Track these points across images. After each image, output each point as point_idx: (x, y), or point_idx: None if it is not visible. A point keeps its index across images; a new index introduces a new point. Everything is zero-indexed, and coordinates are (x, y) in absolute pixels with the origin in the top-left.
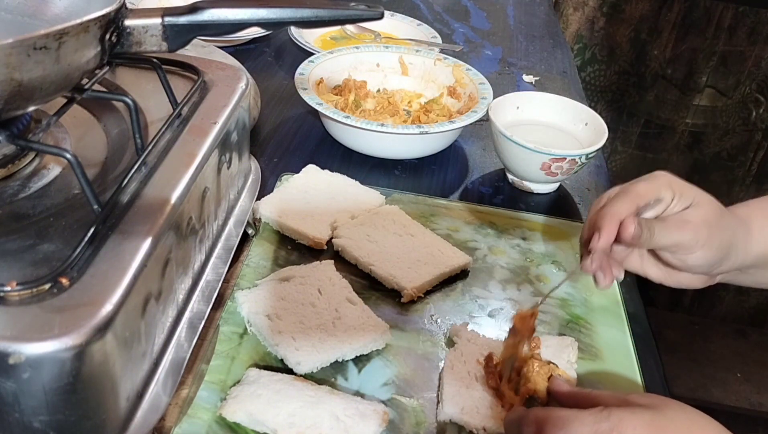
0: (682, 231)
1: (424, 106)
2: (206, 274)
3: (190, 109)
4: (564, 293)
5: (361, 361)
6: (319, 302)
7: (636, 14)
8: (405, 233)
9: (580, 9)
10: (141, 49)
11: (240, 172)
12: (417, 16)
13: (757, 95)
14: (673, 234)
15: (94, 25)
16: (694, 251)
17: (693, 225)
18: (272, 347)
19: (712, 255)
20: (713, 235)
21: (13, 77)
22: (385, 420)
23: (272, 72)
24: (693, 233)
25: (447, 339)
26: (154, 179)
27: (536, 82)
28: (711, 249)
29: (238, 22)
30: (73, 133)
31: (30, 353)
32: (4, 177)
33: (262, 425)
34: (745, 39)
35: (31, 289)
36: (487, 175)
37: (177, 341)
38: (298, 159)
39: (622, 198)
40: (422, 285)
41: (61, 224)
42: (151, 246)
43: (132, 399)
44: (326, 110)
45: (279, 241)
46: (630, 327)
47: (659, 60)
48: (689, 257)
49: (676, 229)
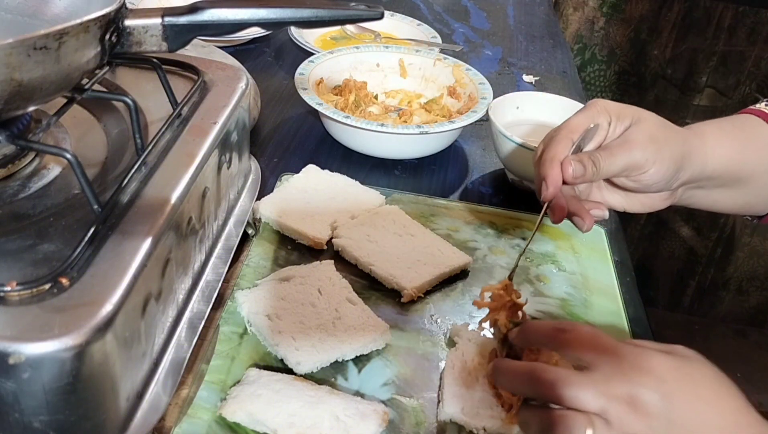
0: (629, 152)
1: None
2: (206, 274)
3: (190, 109)
4: (564, 293)
5: (361, 361)
6: (319, 302)
7: (636, 14)
8: (405, 233)
9: (580, 9)
10: (141, 49)
11: (240, 172)
12: (417, 16)
13: (757, 95)
14: (619, 158)
15: (94, 25)
16: (647, 169)
17: (638, 143)
18: (272, 347)
19: (666, 168)
20: (662, 148)
21: (13, 77)
22: (385, 420)
23: (272, 72)
24: (640, 151)
25: (447, 339)
26: (154, 179)
27: (536, 82)
28: (663, 162)
29: (238, 22)
30: (73, 133)
31: (30, 353)
32: (4, 177)
33: (262, 425)
34: (745, 39)
35: (31, 289)
36: (487, 175)
37: (177, 341)
38: (298, 159)
39: (555, 139)
40: (422, 285)
41: (61, 224)
42: (151, 246)
43: (132, 399)
44: (326, 110)
45: (279, 241)
46: (630, 327)
47: (659, 60)
48: (644, 176)
49: (622, 152)
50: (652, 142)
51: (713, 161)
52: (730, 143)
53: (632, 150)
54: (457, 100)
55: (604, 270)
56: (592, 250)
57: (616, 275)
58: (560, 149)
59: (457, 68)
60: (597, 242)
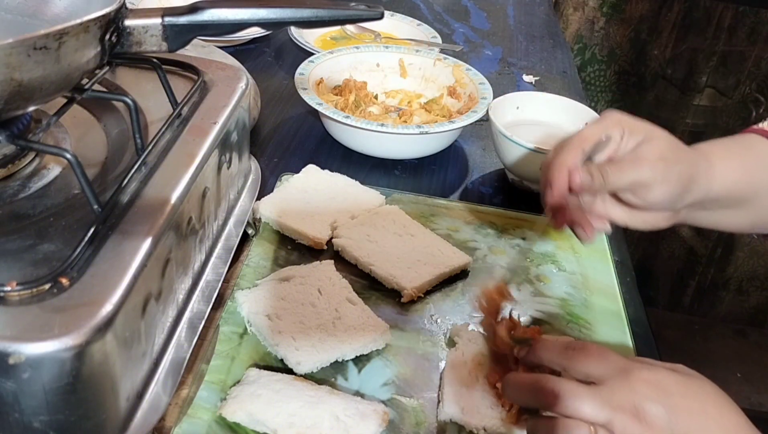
0: (638, 169)
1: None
2: (206, 274)
3: (190, 109)
4: (564, 293)
5: (361, 361)
6: (319, 302)
7: (636, 14)
8: (405, 233)
9: (580, 9)
10: (141, 49)
11: (240, 172)
12: (417, 16)
13: (757, 95)
14: (628, 173)
15: (94, 25)
16: (653, 188)
17: (648, 161)
18: (272, 347)
19: (672, 189)
20: (670, 168)
21: (13, 77)
22: (385, 420)
23: (272, 72)
24: (649, 169)
25: (447, 339)
26: (154, 179)
27: (536, 82)
28: (670, 183)
29: (238, 22)
30: (73, 133)
31: (30, 353)
32: (4, 177)
33: (262, 425)
34: (745, 39)
35: (31, 289)
36: (487, 175)
37: (177, 341)
38: (298, 159)
39: (567, 146)
40: (422, 285)
41: (61, 224)
42: (151, 246)
43: (132, 399)
44: (326, 110)
45: (279, 241)
46: (630, 327)
47: (659, 60)
48: (649, 194)
49: (631, 168)
50: (662, 161)
51: (719, 184)
52: (737, 165)
53: (641, 167)
54: (457, 100)
55: (604, 270)
56: (592, 250)
57: (616, 275)
58: (570, 157)
59: (457, 68)
60: (597, 242)
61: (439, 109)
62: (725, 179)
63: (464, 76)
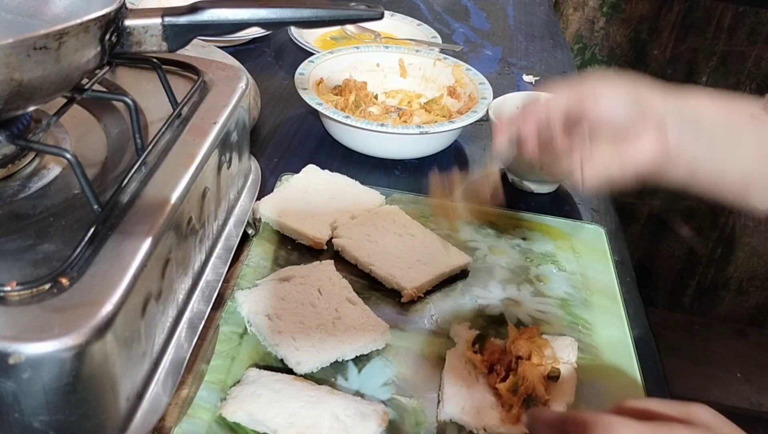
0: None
1: (424, 106)
2: (206, 274)
3: (190, 109)
4: (564, 293)
5: (361, 361)
6: (319, 302)
7: (636, 14)
8: (405, 233)
9: (580, 9)
10: (141, 49)
11: (240, 172)
12: (417, 16)
13: (757, 95)
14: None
15: (94, 25)
16: (600, 99)
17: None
18: (272, 347)
19: (619, 99)
20: (615, 80)
21: (13, 77)
22: (385, 420)
23: (272, 72)
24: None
25: (447, 339)
26: (154, 179)
27: (536, 82)
28: (618, 94)
29: (238, 22)
30: (73, 133)
31: (30, 353)
32: (4, 177)
33: (262, 425)
34: (745, 39)
35: (31, 289)
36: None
37: (177, 341)
38: (298, 159)
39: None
40: (422, 285)
41: (61, 224)
42: (151, 246)
43: (132, 399)
44: (326, 110)
45: (279, 241)
46: (630, 327)
47: (659, 60)
48: (597, 104)
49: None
50: (604, 78)
51: (695, 103)
52: (714, 99)
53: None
54: (457, 101)
55: (604, 270)
56: (592, 250)
57: (616, 275)
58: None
59: (457, 68)
60: (597, 242)
61: (439, 109)
62: (706, 104)
63: (464, 76)
